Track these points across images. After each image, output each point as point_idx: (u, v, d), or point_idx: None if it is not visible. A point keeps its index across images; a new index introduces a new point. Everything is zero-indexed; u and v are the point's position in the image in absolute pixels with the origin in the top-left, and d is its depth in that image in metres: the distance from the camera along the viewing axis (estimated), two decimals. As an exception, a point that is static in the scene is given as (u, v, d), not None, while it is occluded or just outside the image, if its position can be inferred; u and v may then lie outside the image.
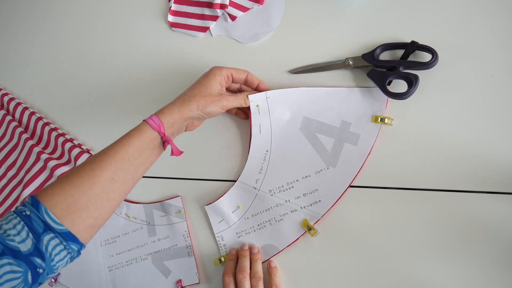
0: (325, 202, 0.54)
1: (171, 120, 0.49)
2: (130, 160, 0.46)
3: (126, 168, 0.45)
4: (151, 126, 0.47)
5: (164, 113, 0.49)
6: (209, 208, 0.59)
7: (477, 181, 0.49)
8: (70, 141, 0.69)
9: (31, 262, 0.39)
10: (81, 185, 0.42)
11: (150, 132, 0.47)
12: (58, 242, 0.40)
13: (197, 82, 0.53)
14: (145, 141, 0.47)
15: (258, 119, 0.58)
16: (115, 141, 0.47)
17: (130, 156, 0.46)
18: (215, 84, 0.52)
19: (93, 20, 0.74)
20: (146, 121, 0.48)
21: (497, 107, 0.49)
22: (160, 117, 0.48)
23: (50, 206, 0.40)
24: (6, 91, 0.78)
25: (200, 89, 0.51)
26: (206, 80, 0.52)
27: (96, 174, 0.43)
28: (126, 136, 0.47)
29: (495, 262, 0.47)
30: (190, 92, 0.51)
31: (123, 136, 0.47)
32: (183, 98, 0.51)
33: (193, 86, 0.52)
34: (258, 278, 0.53)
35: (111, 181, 0.44)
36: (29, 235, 0.39)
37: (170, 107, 0.50)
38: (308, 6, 0.59)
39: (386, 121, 0.53)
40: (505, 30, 0.50)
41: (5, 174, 0.74)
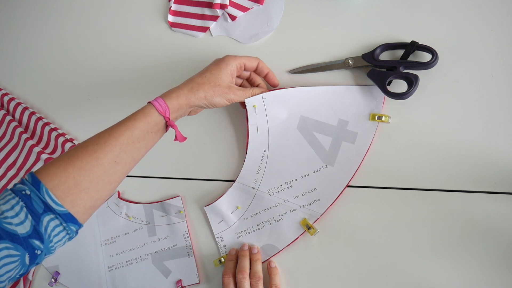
0: (324, 201, 0.54)
1: (177, 105, 0.48)
2: (134, 143, 0.45)
3: (129, 151, 0.45)
4: (157, 110, 0.46)
5: (171, 97, 0.48)
6: (208, 209, 0.59)
7: (477, 181, 0.49)
8: (70, 141, 0.69)
9: (29, 245, 0.38)
10: (84, 167, 0.42)
11: (155, 116, 0.46)
12: (58, 223, 0.40)
13: (207, 70, 0.51)
14: (150, 124, 0.46)
15: (255, 119, 0.58)
16: (120, 122, 0.46)
17: (134, 139, 0.45)
18: (225, 75, 0.50)
19: (93, 20, 0.74)
20: (153, 104, 0.47)
21: (497, 107, 0.49)
22: (166, 101, 0.47)
23: (51, 186, 0.40)
24: (6, 91, 0.78)
25: (210, 78, 0.50)
26: (218, 69, 0.50)
27: (100, 157, 0.42)
28: (132, 118, 0.46)
29: (494, 262, 0.47)
30: (199, 80, 0.50)
31: (128, 118, 0.46)
32: (192, 85, 0.49)
33: (203, 74, 0.50)
34: (257, 278, 0.53)
35: (113, 164, 0.44)
36: (28, 216, 0.38)
37: (177, 92, 0.48)
38: (308, 6, 0.59)
39: (383, 119, 0.53)
40: (505, 30, 0.50)
41: (5, 174, 0.74)
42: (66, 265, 0.66)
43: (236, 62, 0.52)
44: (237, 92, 0.52)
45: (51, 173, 0.41)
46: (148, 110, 0.46)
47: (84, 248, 0.66)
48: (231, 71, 0.51)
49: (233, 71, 0.52)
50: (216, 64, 0.51)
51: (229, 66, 0.51)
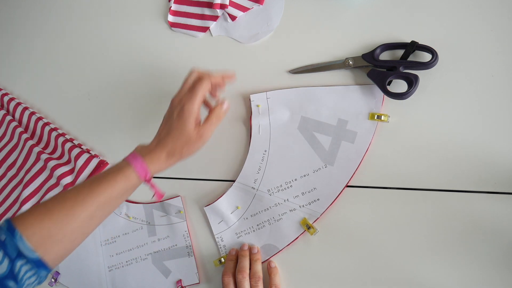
0: (323, 201, 0.54)
1: (158, 169, 0.50)
2: (112, 201, 0.47)
3: (106, 208, 0.47)
4: (139, 175, 0.48)
5: (153, 161, 0.49)
6: (208, 209, 0.59)
7: (477, 181, 0.49)
8: (70, 141, 0.69)
9: (5, 285, 0.40)
10: (60, 221, 0.43)
11: (136, 179, 0.48)
12: (29, 268, 0.41)
13: (174, 127, 0.50)
14: (129, 186, 0.48)
15: (258, 119, 0.58)
16: (100, 179, 0.47)
17: (112, 198, 0.47)
18: (190, 125, 0.49)
19: (93, 20, 0.74)
20: (134, 167, 0.48)
21: (497, 107, 0.49)
22: (148, 165, 0.48)
23: (26, 235, 0.41)
24: (6, 91, 0.78)
25: (180, 138, 0.50)
26: (181, 123, 0.49)
27: (76, 213, 0.44)
28: (112, 178, 0.47)
29: (495, 262, 0.47)
30: (172, 144, 0.50)
31: (108, 176, 0.47)
32: (167, 149, 0.50)
33: (172, 134, 0.50)
34: (257, 278, 0.53)
35: (89, 219, 0.45)
36: (5, 258, 0.40)
37: (157, 156, 0.49)
38: (308, 6, 0.59)
39: (382, 118, 0.53)
40: (505, 30, 0.50)
41: (5, 174, 0.74)
42: (66, 265, 0.66)
43: (195, 106, 0.50)
44: (206, 129, 0.51)
45: (28, 222, 0.42)
46: (129, 173, 0.47)
47: (84, 248, 0.66)
48: (194, 117, 0.50)
49: (197, 114, 0.51)
50: (179, 118, 0.50)
51: (191, 114, 0.50)
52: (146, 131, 0.66)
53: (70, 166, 0.68)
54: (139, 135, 0.67)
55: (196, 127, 0.50)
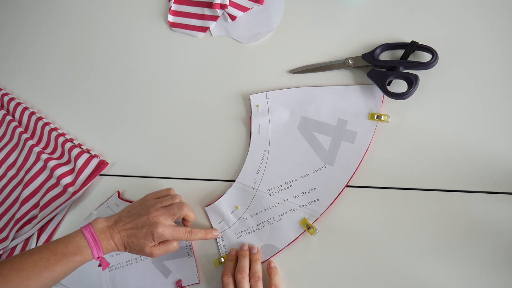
0: (323, 201, 0.54)
1: (110, 251, 0.53)
2: (65, 276, 0.50)
3: (58, 280, 0.50)
4: (94, 256, 0.51)
5: (108, 245, 0.52)
6: (209, 209, 0.60)
7: (477, 181, 0.49)
8: (70, 141, 0.69)
9: None
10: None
11: (91, 258, 0.51)
12: None
13: (138, 237, 0.53)
14: (83, 263, 0.51)
15: (258, 119, 0.58)
16: (57, 255, 0.49)
17: (66, 274, 0.50)
18: (150, 245, 0.53)
19: (93, 20, 0.74)
20: (92, 251, 0.51)
21: (497, 107, 0.49)
22: (103, 247, 0.52)
23: None
24: (6, 91, 0.78)
25: (137, 247, 0.53)
26: (145, 241, 0.53)
27: (30, 284, 0.47)
28: (71, 258, 0.50)
29: (495, 262, 0.47)
30: (130, 244, 0.53)
31: (67, 256, 0.49)
32: (123, 243, 0.53)
33: (133, 240, 0.53)
34: (257, 278, 0.53)
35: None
36: None
37: (114, 244, 0.53)
38: (308, 6, 0.59)
39: (382, 118, 0.53)
40: (505, 30, 0.50)
41: (5, 174, 0.74)
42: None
43: (169, 237, 0.53)
44: (157, 254, 0.54)
45: None
46: (86, 254, 0.51)
47: (84, 248, 0.65)
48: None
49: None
50: (146, 236, 0.52)
51: (158, 241, 0.53)
52: (146, 131, 0.66)
53: (70, 166, 0.68)
54: (139, 135, 0.67)
55: (154, 246, 0.54)
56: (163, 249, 0.54)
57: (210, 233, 0.57)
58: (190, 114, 0.64)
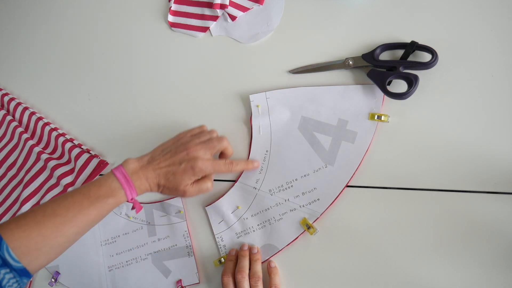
0: (323, 201, 0.54)
1: (144, 191, 0.52)
2: (99, 220, 0.49)
3: (93, 225, 0.49)
4: (127, 198, 0.50)
5: (141, 185, 0.51)
6: (209, 209, 0.60)
7: (477, 181, 0.49)
8: (70, 141, 0.69)
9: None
10: (48, 236, 0.44)
11: (124, 200, 0.50)
12: (12, 276, 0.42)
13: (176, 172, 0.52)
14: (117, 205, 0.50)
15: (258, 119, 0.58)
16: (91, 198, 0.48)
17: (101, 217, 0.49)
18: (188, 182, 0.52)
19: (93, 20, 0.74)
20: (125, 193, 0.50)
21: (497, 107, 0.49)
22: (136, 187, 0.51)
23: (13, 246, 0.42)
24: (6, 91, 0.78)
25: (173, 183, 0.52)
26: (184, 177, 0.52)
27: (65, 229, 0.46)
28: (103, 200, 0.48)
29: (495, 262, 0.47)
30: (165, 182, 0.52)
31: (100, 198, 0.48)
32: (157, 182, 0.52)
33: (170, 176, 0.52)
34: (257, 278, 0.53)
35: (76, 235, 0.47)
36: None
37: (147, 183, 0.52)
38: (308, 6, 0.59)
39: (382, 118, 0.53)
40: (505, 30, 0.50)
41: (5, 174, 0.74)
42: (66, 265, 0.66)
43: (210, 171, 0.53)
44: (190, 194, 0.53)
45: (15, 234, 0.43)
46: (120, 196, 0.50)
47: (84, 248, 0.66)
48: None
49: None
50: (184, 172, 0.52)
51: (197, 176, 0.52)
52: (146, 131, 0.66)
53: (70, 166, 0.68)
54: (139, 135, 0.67)
55: (189, 184, 0.53)
56: (197, 188, 0.53)
57: (251, 164, 0.56)
58: (190, 114, 0.64)
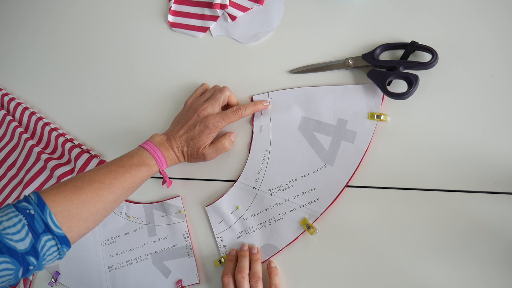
0: (323, 200, 0.54)
1: (172, 163, 0.57)
2: (134, 188, 0.52)
3: (128, 193, 0.52)
4: (159, 167, 0.54)
5: (169, 156, 0.55)
6: (209, 209, 0.60)
7: (477, 181, 0.49)
8: (70, 141, 0.69)
9: (25, 261, 0.41)
10: (88, 201, 0.46)
11: (156, 170, 0.54)
12: (54, 243, 0.43)
13: (194, 136, 0.55)
14: (150, 175, 0.54)
15: (259, 119, 0.58)
16: (126, 166, 0.51)
17: (135, 186, 0.52)
18: (206, 143, 0.56)
19: (93, 20, 0.74)
20: (157, 162, 0.53)
21: (497, 107, 0.49)
22: (168, 162, 0.55)
23: (55, 211, 0.43)
24: (6, 91, 0.78)
25: (193, 148, 0.56)
26: (201, 138, 0.55)
27: (103, 195, 0.48)
28: (137, 169, 0.52)
29: (495, 262, 0.47)
30: (187, 149, 0.56)
31: (134, 167, 0.51)
32: (181, 150, 0.56)
33: (189, 143, 0.56)
34: (257, 278, 0.53)
35: (113, 202, 0.50)
36: (28, 234, 0.41)
37: (174, 153, 0.56)
38: (308, 6, 0.59)
39: (382, 118, 0.53)
40: (505, 30, 0.50)
41: (5, 174, 0.74)
42: (66, 265, 0.66)
43: (222, 126, 0.56)
44: (210, 156, 0.57)
45: (57, 199, 0.44)
46: (152, 165, 0.53)
47: (84, 248, 0.66)
48: (213, 137, 0.57)
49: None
50: (201, 133, 0.55)
51: (213, 134, 0.56)
52: (146, 131, 0.66)
53: (70, 166, 0.68)
54: (139, 135, 0.67)
55: (207, 146, 0.56)
56: (214, 149, 0.56)
57: (260, 104, 0.57)
58: (190, 114, 0.64)
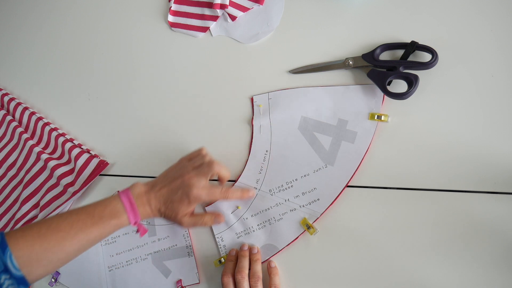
0: (323, 201, 0.54)
1: (146, 217, 0.53)
2: (100, 239, 0.50)
3: (94, 243, 0.50)
4: (130, 222, 0.51)
5: (145, 211, 0.52)
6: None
7: (477, 181, 0.49)
8: (70, 141, 0.69)
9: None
10: (49, 249, 0.46)
11: (127, 224, 0.51)
12: (11, 283, 0.43)
13: (174, 200, 0.52)
14: (119, 228, 0.51)
15: (259, 119, 0.58)
16: (94, 217, 0.49)
17: (102, 237, 0.50)
18: (185, 211, 0.53)
19: (93, 20, 0.74)
20: (128, 216, 0.50)
21: (497, 107, 0.49)
22: (140, 212, 0.52)
23: (16, 255, 0.44)
24: (6, 91, 0.78)
25: (172, 212, 0.53)
26: (181, 205, 0.52)
27: (66, 245, 0.47)
28: (106, 221, 0.49)
29: (495, 262, 0.47)
30: (165, 209, 0.53)
31: (104, 219, 0.49)
32: (158, 209, 0.53)
33: (169, 205, 0.52)
34: (257, 278, 0.53)
35: (76, 251, 0.48)
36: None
37: (150, 209, 0.52)
38: (308, 6, 0.59)
39: (382, 118, 0.53)
40: (505, 30, 0.50)
41: (5, 174, 0.74)
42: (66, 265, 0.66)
43: (205, 199, 0.53)
44: (186, 225, 0.54)
45: (20, 243, 0.44)
46: (123, 219, 0.50)
47: (84, 248, 0.66)
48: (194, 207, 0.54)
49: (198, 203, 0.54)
50: (181, 200, 0.52)
51: (194, 204, 0.53)
52: (146, 131, 0.66)
53: (70, 166, 0.68)
54: (139, 135, 0.67)
55: (186, 214, 0.53)
56: (193, 221, 0.53)
57: (247, 193, 0.56)
58: (190, 113, 0.64)
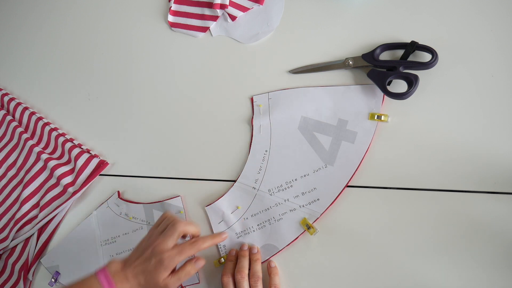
0: (323, 201, 0.54)
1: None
2: None
3: None
4: None
5: (122, 286, 0.50)
6: (209, 209, 0.60)
7: (477, 181, 0.49)
8: (70, 141, 0.69)
9: None
10: None
11: None
12: None
13: (149, 271, 0.51)
14: None
15: (259, 119, 0.58)
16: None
17: None
18: (163, 276, 0.50)
19: (93, 20, 0.74)
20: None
21: (497, 107, 0.49)
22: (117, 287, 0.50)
23: None
24: (6, 91, 0.78)
25: (151, 281, 0.51)
26: (156, 272, 0.50)
27: None
28: None
29: (495, 262, 0.47)
30: (144, 281, 0.51)
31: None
32: (137, 282, 0.51)
33: (146, 275, 0.51)
34: (257, 278, 0.53)
35: None
36: None
37: (129, 284, 0.50)
38: (308, 6, 0.59)
39: (382, 118, 0.53)
40: (505, 30, 0.50)
41: (5, 174, 0.74)
42: (66, 265, 0.66)
43: (178, 261, 0.51)
44: (172, 285, 0.51)
45: None
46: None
47: (84, 248, 0.66)
48: (170, 270, 0.51)
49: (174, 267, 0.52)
50: (156, 268, 0.50)
51: (169, 269, 0.51)
52: (146, 131, 0.66)
53: (70, 166, 0.68)
54: (139, 134, 0.67)
55: (167, 277, 0.51)
56: (176, 278, 0.51)
57: (218, 237, 0.55)
58: (190, 113, 0.64)
